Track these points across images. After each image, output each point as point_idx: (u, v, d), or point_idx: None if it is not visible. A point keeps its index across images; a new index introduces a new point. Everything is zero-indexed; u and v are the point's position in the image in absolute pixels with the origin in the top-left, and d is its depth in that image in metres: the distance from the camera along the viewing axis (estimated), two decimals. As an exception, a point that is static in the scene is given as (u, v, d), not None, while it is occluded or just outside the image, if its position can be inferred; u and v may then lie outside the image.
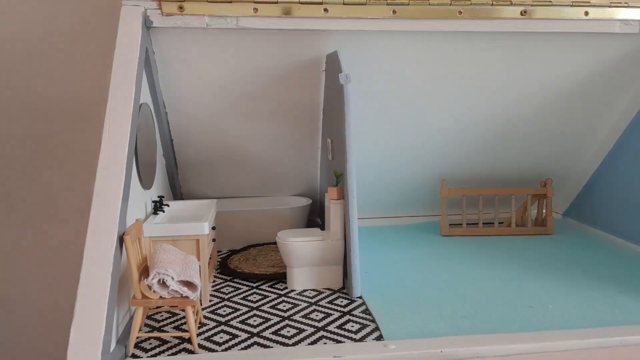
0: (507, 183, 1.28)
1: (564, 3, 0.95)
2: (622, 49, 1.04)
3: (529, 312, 0.79)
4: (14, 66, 1.22)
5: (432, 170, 1.23)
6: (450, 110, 1.11)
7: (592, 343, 0.70)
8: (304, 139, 1.16)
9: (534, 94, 1.10)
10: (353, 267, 0.86)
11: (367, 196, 1.18)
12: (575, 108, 1.14)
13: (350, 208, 0.86)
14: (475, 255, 1.06)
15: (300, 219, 1.19)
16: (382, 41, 0.96)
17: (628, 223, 1.12)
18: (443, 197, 1.19)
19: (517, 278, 0.93)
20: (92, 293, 0.66)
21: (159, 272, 0.72)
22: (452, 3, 0.91)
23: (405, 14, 0.91)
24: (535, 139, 1.20)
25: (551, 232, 1.19)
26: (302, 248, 0.90)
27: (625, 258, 1.03)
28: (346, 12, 0.89)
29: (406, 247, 1.12)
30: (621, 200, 1.15)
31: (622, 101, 1.14)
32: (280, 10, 0.88)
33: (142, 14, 0.84)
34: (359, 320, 0.79)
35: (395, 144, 1.16)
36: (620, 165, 1.17)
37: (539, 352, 0.69)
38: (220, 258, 1.08)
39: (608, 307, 0.81)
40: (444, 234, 1.19)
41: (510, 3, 0.93)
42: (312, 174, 1.25)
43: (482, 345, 0.69)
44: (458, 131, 1.15)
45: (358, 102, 0.90)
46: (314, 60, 0.99)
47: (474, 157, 1.22)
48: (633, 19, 0.97)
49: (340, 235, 0.90)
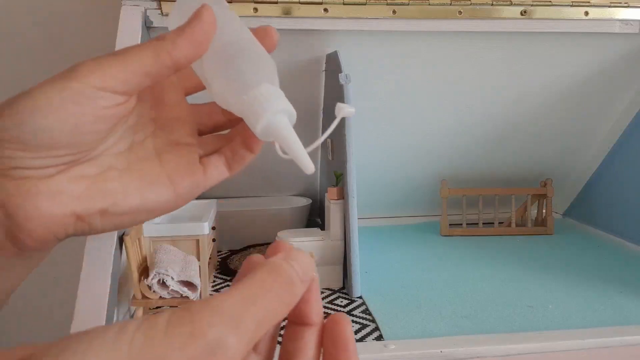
0: (507, 183, 1.28)
1: (564, 3, 0.94)
2: (622, 49, 1.03)
3: (529, 312, 0.79)
4: (12, 67, 1.22)
5: (432, 170, 1.23)
6: (450, 110, 1.11)
7: (592, 343, 0.70)
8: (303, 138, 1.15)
9: (534, 94, 1.10)
10: (353, 267, 0.86)
11: (367, 196, 1.18)
12: (575, 108, 1.14)
13: (350, 208, 0.86)
14: (475, 255, 1.06)
15: (300, 219, 1.19)
16: (382, 41, 0.96)
17: (628, 223, 1.12)
18: (443, 197, 1.19)
19: (517, 278, 0.93)
20: (92, 293, 0.66)
21: (159, 272, 0.71)
22: (452, 3, 0.91)
23: (405, 14, 0.91)
24: (535, 139, 1.20)
25: (551, 232, 1.19)
26: (302, 248, 0.90)
27: (625, 258, 1.03)
28: (346, 12, 0.89)
29: (406, 247, 1.12)
30: (621, 200, 1.15)
31: (622, 101, 1.14)
32: (280, 10, 0.88)
33: (142, 14, 0.84)
34: (359, 320, 0.79)
35: (395, 144, 1.16)
36: (620, 165, 1.17)
37: (539, 352, 0.69)
38: (220, 258, 1.08)
39: (608, 307, 0.81)
40: (444, 234, 1.19)
41: (510, 3, 0.93)
42: (312, 174, 1.25)
43: (482, 345, 0.68)
44: (458, 131, 1.15)
45: (358, 102, 0.90)
46: (314, 60, 0.99)
47: (474, 157, 1.22)
48: (633, 19, 0.97)
49: (340, 235, 0.90)
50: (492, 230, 1.20)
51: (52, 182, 0.37)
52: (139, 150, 0.43)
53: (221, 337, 0.25)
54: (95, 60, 0.37)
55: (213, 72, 0.41)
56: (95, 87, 0.36)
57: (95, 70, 0.36)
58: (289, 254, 0.32)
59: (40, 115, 0.35)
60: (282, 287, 0.29)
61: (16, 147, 0.35)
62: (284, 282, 0.30)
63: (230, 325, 0.26)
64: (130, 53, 0.38)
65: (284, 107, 0.41)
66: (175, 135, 0.45)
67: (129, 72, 0.37)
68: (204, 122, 0.48)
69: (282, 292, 0.29)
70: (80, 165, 0.39)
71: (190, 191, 0.44)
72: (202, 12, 0.39)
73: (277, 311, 0.29)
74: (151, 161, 0.43)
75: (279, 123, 0.40)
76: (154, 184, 0.42)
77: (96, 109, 0.37)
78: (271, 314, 0.28)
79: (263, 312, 0.27)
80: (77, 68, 0.37)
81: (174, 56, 0.38)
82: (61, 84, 0.36)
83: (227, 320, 0.26)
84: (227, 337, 0.25)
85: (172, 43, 0.38)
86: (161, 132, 0.45)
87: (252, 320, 0.27)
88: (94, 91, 0.36)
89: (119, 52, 0.38)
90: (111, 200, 0.39)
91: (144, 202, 0.41)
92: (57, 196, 0.37)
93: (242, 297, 0.27)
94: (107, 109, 0.38)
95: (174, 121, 0.45)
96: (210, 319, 0.25)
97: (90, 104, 0.37)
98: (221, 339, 0.25)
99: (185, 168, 0.44)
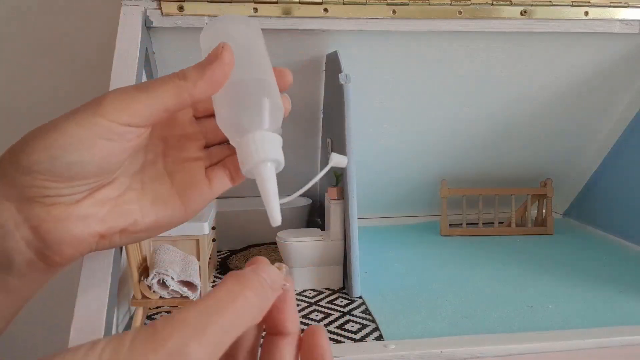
0: (507, 183, 1.28)
1: (564, 3, 0.94)
2: (622, 49, 1.03)
3: (529, 312, 0.79)
4: (13, 68, 1.22)
5: (432, 170, 1.23)
6: (450, 110, 1.11)
7: (592, 343, 0.70)
8: (304, 139, 1.16)
9: (534, 94, 1.10)
10: (353, 267, 0.86)
11: (367, 196, 1.18)
12: (575, 108, 1.14)
13: (350, 208, 0.86)
14: (475, 255, 1.06)
15: (300, 219, 1.19)
16: (382, 41, 0.96)
17: (628, 223, 1.12)
18: (443, 197, 1.19)
19: (517, 278, 0.93)
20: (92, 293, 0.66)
21: (159, 272, 0.71)
22: (452, 3, 0.91)
23: (405, 14, 0.91)
24: (535, 139, 1.20)
25: (551, 232, 1.19)
26: (302, 248, 0.90)
27: (625, 258, 1.03)
28: (346, 12, 0.89)
29: (406, 247, 1.12)
30: (621, 200, 1.15)
31: (622, 101, 1.14)
32: (280, 10, 0.88)
33: (142, 14, 0.84)
34: (359, 320, 0.79)
35: (395, 143, 1.16)
36: (621, 165, 1.17)
37: (539, 352, 0.69)
38: (220, 258, 1.08)
39: (608, 307, 0.81)
40: (444, 234, 1.19)
41: (510, 3, 0.93)
42: (312, 174, 1.24)
43: (482, 345, 0.68)
44: (458, 131, 1.15)
45: (358, 102, 0.90)
46: (314, 60, 0.99)
47: (474, 157, 1.22)
48: (633, 19, 0.97)
49: (340, 235, 0.90)
50: (492, 230, 1.20)
51: (79, 207, 0.41)
52: (150, 170, 0.47)
53: (182, 346, 0.26)
54: (120, 96, 0.40)
55: (219, 103, 0.45)
56: (123, 123, 0.39)
57: (122, 108, 0.39)
58: (258, 266, 0.34)
59: (73, 150, 0.38)
60: (250, 295, 0.30)
61: (49, 179, 0.38)
62: (252, 290, 0.31)
63: (192, 335, 0.26)
64: (153, 90, 0.40)
65: (273, 157, 0.45)
66: (184, 153, 0.48)
67: (152, 109, 0.40)
68: (210, 137, 0.51)
69: (250, 299, 0.30)
70: (102, 189, 0.43)
71: (199, 206, 0.48)
72: (224, 54, 0.41)
73: (245, 318, 0.30)
74: (163, 181, 0.47)
75: (262, 173, 0.45)
76: (167, 204, 0.46)
77: (124, 142, 0.40)
78: (239, 321, 0.29)
79: (229, 320, 0.28)
80: (103, 102, 0.39)
81: (194, 95, 0.41)
82: (90, 120, 0.39)
83: (189, 330, 0.26)
84: (188, 346, 0.26)
85: (194, 84, 0.41)
86: (171, 151, 0.48)
87: (217, 329, 0.27)
88: (122, 127, 0.39)
89: (142, 87, 0.41)
90: (131, 219, 0.44)
91: (159, 220, 0.46)
92: (84, 220, 0.41)
93: (206, 306, 0.28)
94: (131, 141, 0.41)
95: (183, 139, 0.49)
96: (172, 330, 0.26)
97: (119, 139, 0.40)
98: (182, 348, 0.26)
99: (194, 185, 0.48)
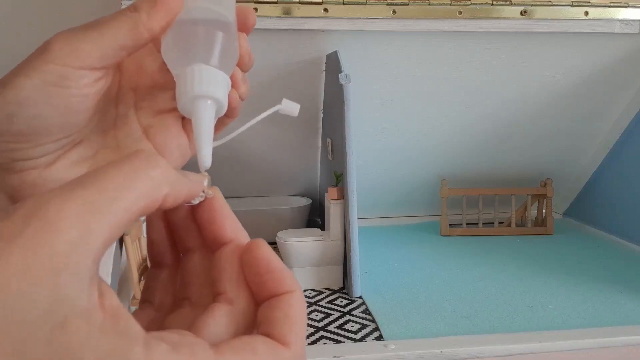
0: (507, 183, 1.28)
1: (564, 3, 0.94)
2: (622, 49, 1.04)
3: (529, 312, 0.79)
4: (13, 66, 1.22)
5: (432, 170, 1.23)
6: (450, 110, 1.11)
7: (592, 343, 0.70)
8: (304, 139, 1.16)
9: (534, 94, 1.10)
10: (353, 267, 0.86)
11: (367, 196, 1.18)
12: (575, 108, 1.14)
13: (350, 208, 0.86)
14: (475, 255, 1.06)
15: (300, 219, 1.19)
16: (382, 41, 0.96)
17: (628, 223, 1.12)
18: (443, 197, 1.19)
19: (517, 278, 0.93)
20: (92, 293, 0.66)
21: (159, 272, 0.71)
22: (452, 3, 0.91)
23: (405, 14, 0.91)
24: (535, 139, 1.20)
25: (551, 232, 1.19)
26: (302, 248, 0.90)
27: (625, 258, 1.03)
28: (346, 12, 0.89)
29: (406, 247, 1.12)
30: (621, 200, 1.15)
31: (622, 101, 1.14)
32: (280, 10, 0.88)
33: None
34: (359, 320, 0.79)
35: (395, 143, 1.16)
36: (621, 165, 1.17)
37: (539, 352, 0.69)
38: (220, 258, 1.08)
39: (608, 307, 0.81)
40: (444, 234, 1.19)
41: (510, 3, 0.93)
42: (312, 174, 1.25)
43: (482, 345, 0.68)
44: (458, 131, 1.15)
45: (358, 102, 0.90)
46: (314, 60, 0.99)
47: (474, 157, 1.22)
48: (633, 19, 0.97)
49: (340, 235, 0.90)
50: (492, 230, 1.20)
51: (54, 171, 0.38)
52: (123, 126, 0.43)
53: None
54: (68, 37, 0.37)
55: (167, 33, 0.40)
56: (75, 67, 0.36)
57: (72, 50, 0.36)
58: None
59: (29, 104, 0.35)
60: (156, 175, 0.27)
61: (12, 139, 0.36)
62: (159, 169, 0.27)
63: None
64: (105, 27, 0.37)
65: (214, 95, 0.39)
66: (158, 104, 0.45)
67: (105, 48, 0.37)
68: None
69: (156, 179, 0.27)
70: (76, 148, 0.40)
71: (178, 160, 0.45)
72: None
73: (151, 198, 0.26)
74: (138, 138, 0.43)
75: (199, 110, 0.39)
76: None
77: (80, 87, 0.37)
78: (141, 201, 0.26)
79: (132, 199, 0.25)
80: (50, 47, 0.36)
81: (150, 27, 0.38)
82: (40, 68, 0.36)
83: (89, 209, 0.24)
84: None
85: (147, 14, 0.37)
86: (143, 103, 0.45)
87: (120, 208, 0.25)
88: (76, 71, 0.36)
89: (92, 24, 0.37)
90: None
91: None
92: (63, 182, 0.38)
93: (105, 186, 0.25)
94: (89, 86, 0.38)
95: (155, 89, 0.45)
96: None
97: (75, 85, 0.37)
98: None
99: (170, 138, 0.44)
